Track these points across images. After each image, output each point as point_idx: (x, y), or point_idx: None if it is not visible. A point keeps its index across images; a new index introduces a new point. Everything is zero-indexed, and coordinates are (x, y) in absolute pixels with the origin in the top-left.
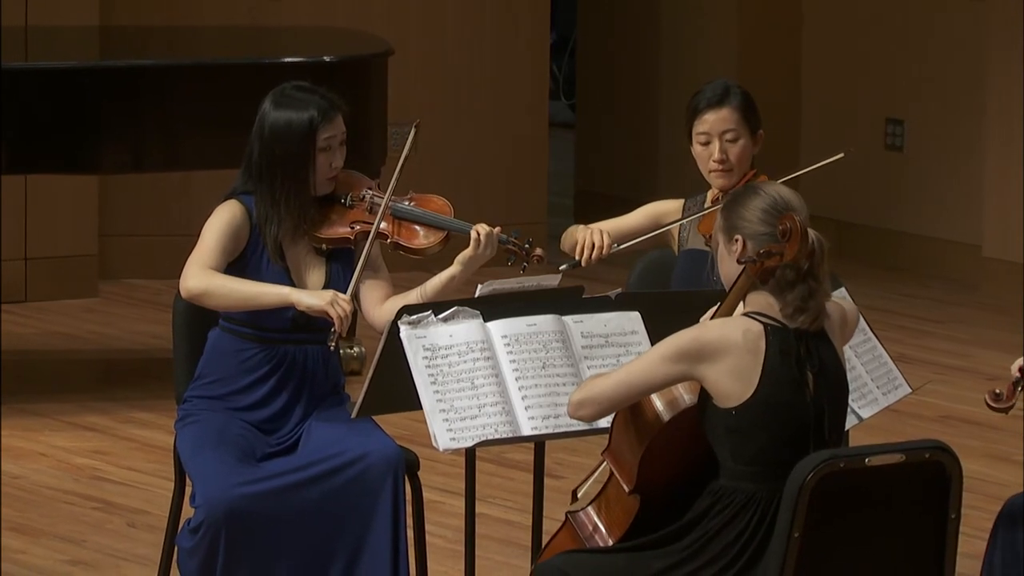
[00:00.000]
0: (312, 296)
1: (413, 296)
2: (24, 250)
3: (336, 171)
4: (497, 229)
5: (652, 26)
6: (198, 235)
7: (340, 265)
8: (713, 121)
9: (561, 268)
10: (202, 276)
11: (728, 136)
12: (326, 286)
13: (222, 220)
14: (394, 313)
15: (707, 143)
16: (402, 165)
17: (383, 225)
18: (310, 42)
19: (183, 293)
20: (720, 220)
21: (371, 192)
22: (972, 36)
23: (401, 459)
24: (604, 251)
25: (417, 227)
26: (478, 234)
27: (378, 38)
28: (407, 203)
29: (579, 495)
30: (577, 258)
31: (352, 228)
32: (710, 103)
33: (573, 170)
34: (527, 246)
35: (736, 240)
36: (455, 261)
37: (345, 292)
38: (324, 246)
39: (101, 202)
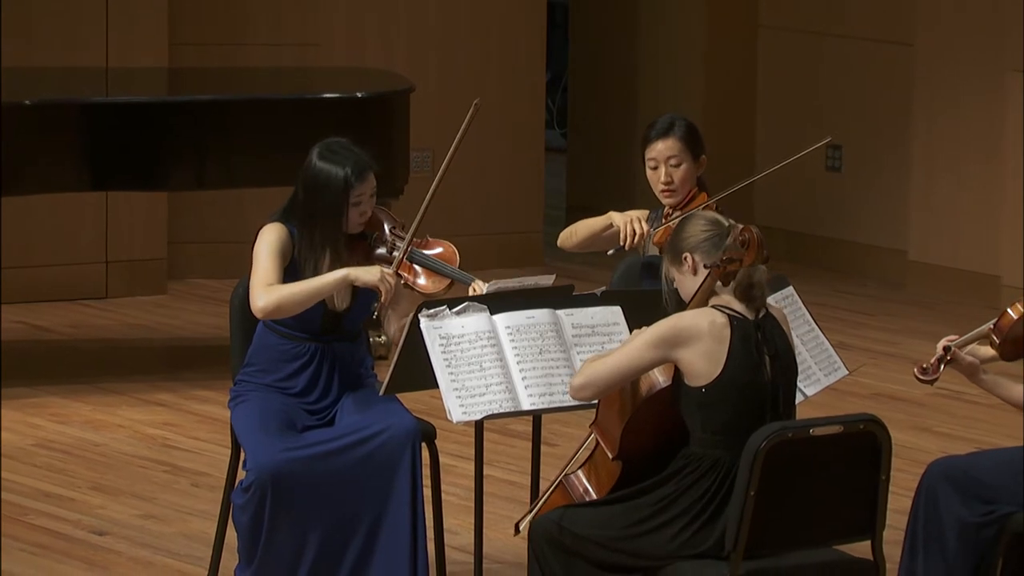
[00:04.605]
0: (366, 272)
1: None
2: (105, 254)
3: (366, 217)
4: (491, 283)
5: (632, 66)
6: (250, 242)
7: (365, 291)
8: (660, 149)
9: (609, 253)
10: (268, 294)
11: (672, 162)
12: (351, 308)
13: (271, 240)
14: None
15: (655, 168)
16: (461, 137)
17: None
18: (344, 80)
19: (258, 314)
20: (667, 255)
21: (393, 235)
22: (901, 75)
23: (418, 431)
24: (645, 236)
25: (427, 271)
26: (474, 291)
27: (401, 77)
28: (421, 249)
29: (520, 528)
30: (622, 244)
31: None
32: (658, 134)
33: (565, 188)
34: None
35: (685, 259)
36: None
37: (392, 272)
38: None
39: (170, 214)
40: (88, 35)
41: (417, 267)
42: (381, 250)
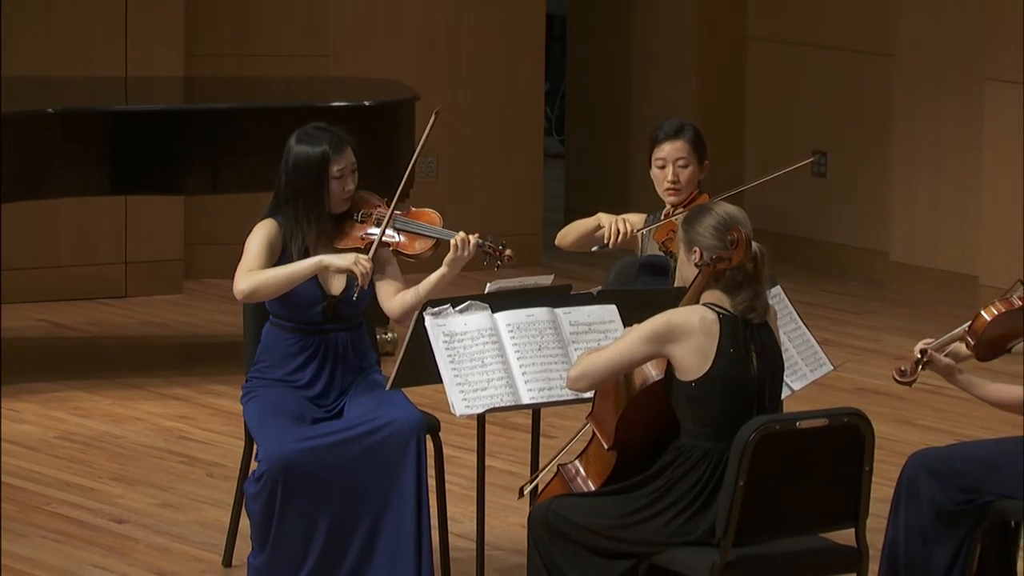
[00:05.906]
0: (340, 259)
1: (413, 291)
2: (124, 255)
3: (350, 193)
4: (475, 235)
5: (626, 76)
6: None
7: None
8: (669, 150)
9: (594, 249)
10: (248, 278)
11: (680, 162)
12: (347, 287)
13: (261, 235)
14: (403, 304)
15: (663, 167)
16: (420, 149)
17: (386, 236)
18: (353, 90)
19: (237, 296)
20: (681, 233)
21: (378, 209)
22: (882, 85)
23: (423, 424)
24: (628, 236)
25: (413, 236)
26: (456, 241)
27: (407, 86)
28: (405, 217)
29: (525, 491)
30: (606, 242)
31: (362, 239)
32: (667, 135)
33: (563, 192)
34: (500, 248)
35: (694, 251)
36: (443, 263)
37: (367, 256)
38: None
39: (186, 217)
40: (108, 46)
41: (403, 233)
42: (368, 225)
